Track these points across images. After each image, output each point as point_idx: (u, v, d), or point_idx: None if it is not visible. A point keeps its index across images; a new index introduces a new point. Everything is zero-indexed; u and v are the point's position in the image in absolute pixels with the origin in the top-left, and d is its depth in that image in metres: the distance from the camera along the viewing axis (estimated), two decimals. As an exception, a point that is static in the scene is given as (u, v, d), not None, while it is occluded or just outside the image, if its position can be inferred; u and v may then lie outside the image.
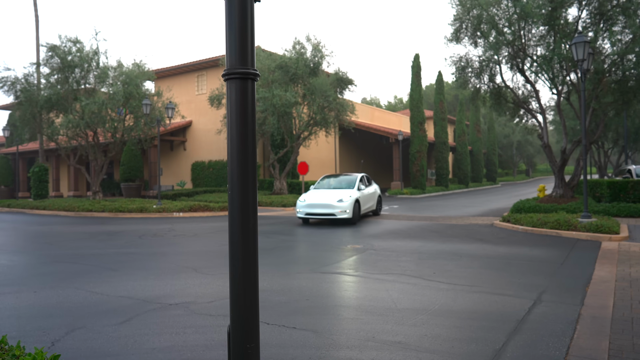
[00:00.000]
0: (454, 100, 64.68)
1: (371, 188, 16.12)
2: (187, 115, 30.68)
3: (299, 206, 14.24)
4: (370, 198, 15.73)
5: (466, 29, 16.86)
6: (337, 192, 14.38)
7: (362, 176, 15.88)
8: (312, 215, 13.95)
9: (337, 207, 13.63)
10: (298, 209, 14.28)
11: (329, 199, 13.89)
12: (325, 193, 14.44)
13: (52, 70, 22.49)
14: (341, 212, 13.58)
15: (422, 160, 31.05)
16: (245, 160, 1.65)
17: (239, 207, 1.65)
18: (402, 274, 7.29)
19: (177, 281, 7.06)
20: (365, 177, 16.17)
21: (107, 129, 22.56)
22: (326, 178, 16.14)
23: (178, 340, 4.48)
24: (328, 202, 13.75)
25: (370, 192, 15.88)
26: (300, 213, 14.18)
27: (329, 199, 13.85)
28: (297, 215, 14.34)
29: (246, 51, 1.69)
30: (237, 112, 1.67)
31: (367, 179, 16.32)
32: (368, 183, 16.23)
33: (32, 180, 26.32)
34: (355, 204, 14.01)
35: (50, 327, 4.90)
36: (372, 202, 16.04)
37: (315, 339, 4.47)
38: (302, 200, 14.33)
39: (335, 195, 14.02)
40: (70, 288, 6.66)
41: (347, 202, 13.74)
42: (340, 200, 13.75)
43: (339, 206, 13.63)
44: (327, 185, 15.54)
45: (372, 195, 16.05)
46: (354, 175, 15.74)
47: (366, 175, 16.41)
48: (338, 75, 23.63)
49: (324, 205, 13.76)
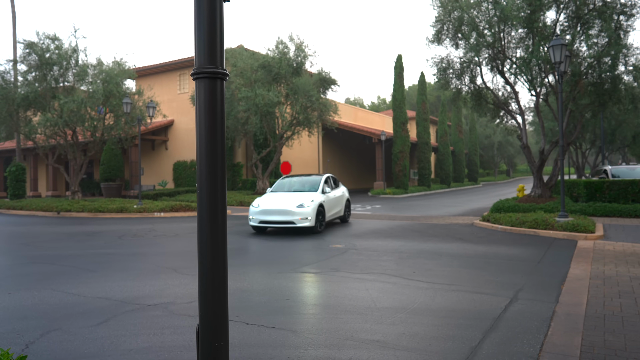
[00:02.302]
0: (436, 101, 65.33)
1: (338, 191, 14.17)
2: (168, 115, 30.37)
3: (252, 212, 12.11)
4: (337, 202, 13.77)
5: (447, 31, 17.05)
6: (298, 195, 12.38)
7: (328, 177, 13.96)
8: (267, 223, 11.88)
9: (296, 214, 11.60)
10: (251, 215, 12.13)
11: (287, 203, 11.82)
12: (283, 197, 12.43)
13: (30, 68, 22.01)
14: (302, 220, 11.56)
15: (404, 160, 31.27)
16: (214, 159, 1.66)
17: (208, 207, 1.65)
18: (382, 273, 7.34)
19: (157, 282, 6.99)
20: (332, 178, 14.26)
21: (87, 127, 22.20)
22: (286, 179, 14.14)
23: (156, 341, 4.44)
24: (286, 208, 11.71)
25: (337, 195, 13.93)
26: (253, 221, 12.06)
27: (287, 204, 11.78)
28: (250, 223, 12.18)
29: (215, 51, 1.69)
30: (206, 111, 1.67)
31: (333, 181, 14.33)
32: (334, 185, 14.27)
33: (9, 180, 25.75)
34: (318, 209, 12.04)
35: (25, 329, 4.81)
36: (340, 207, 14.12)
37: (294, 338, 4.48)
38: (256, 206, 12.16)
39: (295, 200, 11.98)
40: (46, 289, 6.54)
41: (309, 207, 11.72)
42: (301, 205, 11.71)
43: (299, 212, 11.60)
44: (286, 188, 13.48)
45: (340, 199, 14.10)
46: (318, 176, 13.84)
47: (332, 176, 14.50)
48: (321, 75, 23.67)
49: (281, 211, 11.71)
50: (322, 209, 12.34)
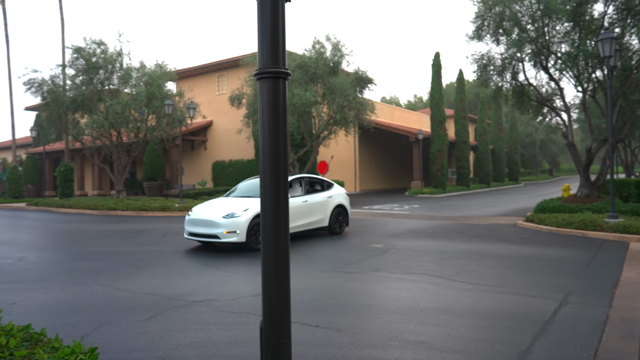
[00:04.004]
0: (475, 98, 63.87)
1: (319, 196, 11.37)
2: (207, 115, 30.99)
3: (185, 222, 10.12)
4: (312, 210, 11.01)
5: (488, 27, 16.64)
6: (240, 202, 9.98)
7: (299, 178, 11.39)
8: (195, 236, 9.74)
9: (221, 226, 9.24)
10: (185, 226, 10.13)
11: (215, 213, 9.55)
12: (222, 203, 10.12)
13: (78, 72, 22.98)
14: (228, 234, 9.18)
15: (442, 159, 30.77)
16: (277, 158, 1.68)
17: (271, 204, 1.67)
18: (424, 273, 7.24)
19: (201, 279, 7.15)
20: (308, 180, 11.50)
21: (131, 129, 22.96)
22: (252, 180, 11.65)
23: (203, 336, 4.54)
24: (210, 218, 9.44)
25: (315, 201, 11.16)
26: (185, 232, 10.03)
27: (214, 214, 9.51)
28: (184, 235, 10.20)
29: (277, 51, 1.71)
30: (269, 111, 1.69)
31: (311, 183, 11.61)
32: (314, 188, 11.61)
33: (58, 180, 26.94)
34: (254, 220, 9.41)
35: (79, 322, 5.02)
36: (320, 215, 11.27)
37: (338, 337, 4.48)
38: (189, 214, 10.11)
39: (229, 207, 9.66)
40: (97, 285, 6.81)
41: (239, 218, 9.27)
42: (229, 215, 9.32)
43: (225, 224, 9.22)
44: (244, 191, 11.08)
45: (321, 205, 11.30)
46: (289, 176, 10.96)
47: (311, 177, 11.72)
48: (358, 74, 23.56)
49: (205, 222, 9.48)
50: None
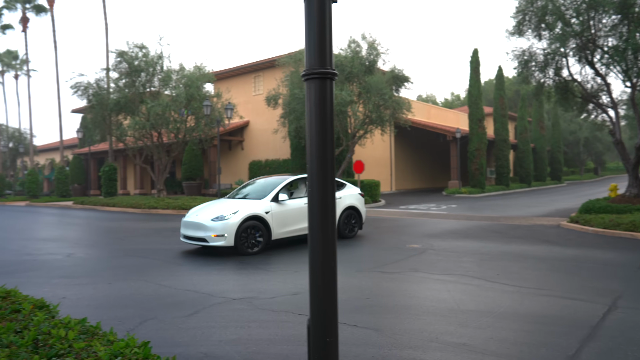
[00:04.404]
0: (515, 95, 62.08)
1: None
2: (244, 116, 31.46)
3: (181, 224, 10.01)
4: None
5: (529, 21, 16.15)
6: (234, 204, 9.71)
7: (303, 179, 10.92)
8: (188, 239, 9.59)
9: (209, 229, 9.03)
10: (180, 228, 10.04)
11: (205, 215, 9.42)
12: (214, 206, 9.91)
13: (121, 75, 23.79)
14: (217, 237, 8.95)
15: (481, 158, 30.10)
16: (324, 157, 1.69)
17: (319, 203, 1.68)
18: (463, 274, 7.11)
19: (239, 277, 7.27)
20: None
21: (171, 129, 23.57)
22: (257, 181, 11.26)
23: (243, 333, 4.61)
24: (199, 221, 9.30)
25: None
26: (181, 235, 9.93)
27: (204, 216, 9.39)
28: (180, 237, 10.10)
29: (325, 51, 1.72)
30: (316, 111, 1.71)
31: None
32: None
33: (103, 179, 27.97)
34: (246, 224, 9.11)
35: (125, 316, 5.20)
36: None
37: (378, 337, 4.46)
38: (185, 216, 10.07)
39: (218, 210, 9.48)
40: (140, 281, 7.03)
41: (227, 221, 9.00)
42: (218, 218, 9.10)
43: (213, 227, 9.00)
44: (243, 193, 10.77)
45: None
46: (282, 178, 10.63)
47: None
48: (394, 73, 23.36)
49: (196, 224, 9.33)
50: (263, 224, 9.39)
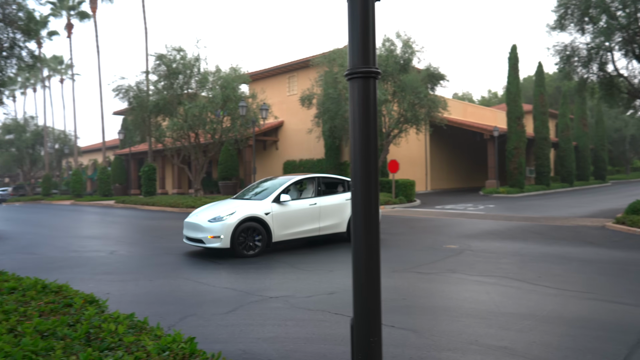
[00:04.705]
0: (556, 92, 60.08)
1: (331, 198, 10.38)
2: (279, 116, 31.73)
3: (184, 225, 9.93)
4: (322, 214, 10.10)
5: (572, 15, 15.59)
6: (230, 205, 9.58)
7: (310, 179, 10.59)
8: (189, 240, 9.46)
9: (206, 230, 8.94)
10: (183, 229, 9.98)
11: (204, 216, 9.34)
12: (215, 206, 9.80)
13: (159, 78, 24.45)
14: (213, 239, 8.85)
15: (520, 157, 29.31)
16: (367, 157, 1.68)
17: (362, 203, 1.68)
18: (503, 276, 6.94)
19: (275, 275, 7.34)
20: (322, 180, 10.56)
21: (207, 130, 24.05)
22: (264, 182, 10.90)
23: (280, 331, 4.65)
24: (197, 222, 9.25)
25: (327, 204, 10.22)
26: (184, 237, 9.80)
27: (202, 217, 9.32)
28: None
29: (368, 51, 1.72)
30: (360, 110, 1.71)
31: (326, 184, 10.68)
32: (328, 189, 10.68)
33: (142, 179, 28.82)
34: (242, 225, 8.94)
35: (166, 313, 5.34)
36: (333, 219, 10.29)
37: (415, 338, 4.41)
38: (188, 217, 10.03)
39: (217, 211, 9.37)
40: (180, 278, 7.21)
41: (224, 222, 8.86)
42: (215, 219, 8.98)
43: (209, 228, 8.90)
44: (248, 194, 10.57)
45: (331, 209, 10.28)
46: (287, 178, 10.34)
47: (327, 177, 10.77)
48: (429, 71, 23.05)
49: (194, 225, 9.29)
50: (263, 225, 9.17)
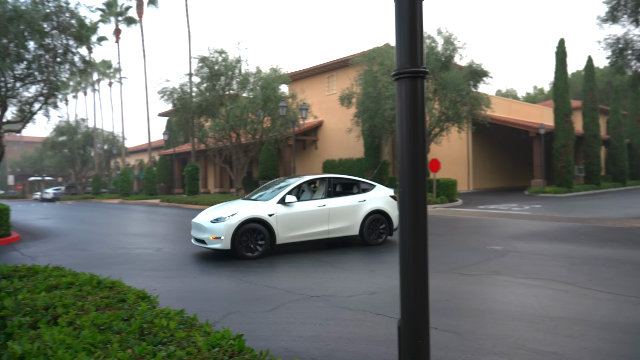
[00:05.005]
0: (607, 87, 57.34)
1: (343, 199, 10.01)
2: (318, 115, 31.85)
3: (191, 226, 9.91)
4: (331, 216, 9.73)
5: (625, 6, 14.87)
6: (234, 205, 9.49)
7: (321, 179, 10.36)
8: (196, 240, 9.42)
9: (208, 231, 8.93)
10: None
11: (207, 217, 9.31)
12: (221, 207, 9.72)
13: (202, 79, 25.06)
14: (215, 240, 8.79)
15: (568, 155, 28.18)
16: (415, 158, 1.67)
17: (410, 204, 1.67)
18: (551, 279, 6.70)
19: (316, 274, 7.38)
20: (333, 181, 10.25)
21: (248, 130, 24.46)
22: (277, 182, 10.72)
23: (322, 330, 4.67)
24: (200, 222, 9.23)
25: (338, 205, 9.84)
26: (192, 237, 9.79)
27: (206, 217, 9.28)
28: None
29: (416, 50, 1.70)
30: (407, 111, 1.69)
31: (338, 185, 10.51)
32: (340, 190, 10.54)
33: (186, 178, 29.62)
34: (244, 226, 8.83)
35: (210, 309, 5.47)
36: (345, 221, 9.88)
37: (459, 341, 4.32)
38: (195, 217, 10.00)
39: (220, 211, 9.29)
40: (223, 276, 7.36)
41: (225, 223, 8.77)
42: (218, 220, 8.92)
43: (211, 229, 8.87)
44: (258, 194, 10.41)
45: (343, 211, 9.87)
46: (296, 179, 10.17)
47: (339, 177, 10.47)
48: (472, 67, 22.55)
49: (198, 226, 9.29)
50: (266, 227, 9.01)
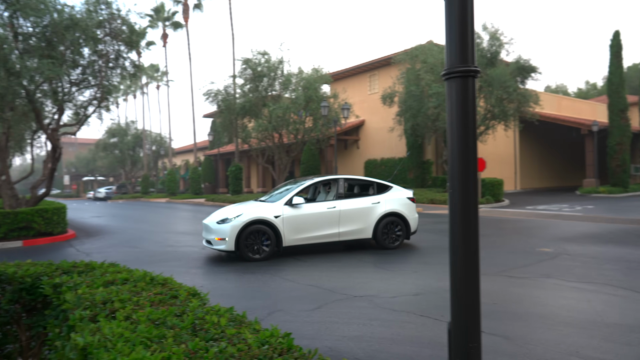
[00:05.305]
0: (667, 81, 54.07)
1: (354, 201, 9.70)
2: (360, 115, 31.73)
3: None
4: (342, 218, 9.46)
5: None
6: (241, 207, 9.41)
7: (333, 180, 10.09)
8: (206, 242, 9.40)
9: (213, 232, 8.98)
10: None
11: (214, 217, 9.34)
12: (231, 208, 9.61)
13: (245, 81, 25.53)
14: (220, 241, 8.81)
15: (623, 153, 26.78)
16: (466, 159, 1.64)
17: (460, 206, 1.64)
18: (606, 283, 6.39)
19: (359, 274, 7.36)
20: (346, 182, 10.07)
21: (290, 130, 24.71)
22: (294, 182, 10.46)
23: (365, 331, 4.66)
24: (207, 223, 9.30)
25: (349, 207, 9.54)
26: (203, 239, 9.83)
27: (213, 219, 9.30)
28: None
29: (466, 49, 1.68)
30: (458, 111, 1.67)
31: (351, 186, 10.57)
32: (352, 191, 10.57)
33: (230, 178, 30.25)
34: (249, 227, 8.75)
35: (254, 307, 5.56)
36: (358, 224, 9.57)
37: (508, 346, 4.20)
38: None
39: (227, 212, 9.27)
40: (267, 274, 7.47)
41: (230, 224, 8.75)
42: (223, 221, 8.92)
43: (216, 230, 8.90)
44: (269, 195, 10.34)
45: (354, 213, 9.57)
46: (303, 181, 10.05)
47: (352, 178, 10.28)
48: (519, 63, 21.83)
49: (205, 227, 9.37)
50: (272, 229, 8.89)
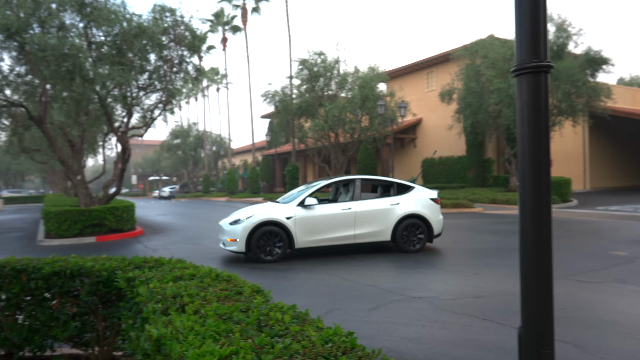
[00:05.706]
0: None
1: (372, 202, 9.37)
2: (417, 113, 31.19)
3: None
4: (358, 220, 9.19)
5: None
6: (256, 208, 9.38)
7: (350, 181, 9.82)
8: (223, 243, 9.37)
9: (226, 233, 9.03)
10: None
11: (228, 219, 9.34)
12: (245, 209, 9.54)
13: (302, 81, 25.83)
14: (232, 242, 8.82)
15: None
16: (538, 158, 1.58)
17: (531, 207, 1.58)
18: (690, 291, 5.91)
19: (417, 275, 7.25)
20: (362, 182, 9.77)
21: (347, 130, 24.73)
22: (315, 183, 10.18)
23: (425, 333, 4.59)
24: (221, 224, 9.36)
25: (366, 209, 9.24)
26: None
27: (227, 220, 9.31)
28: None
29: (538, 44, 1.62)
30: (529, 108, 1.61)
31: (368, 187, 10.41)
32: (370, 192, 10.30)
33: (287, 177, 30.75)
34: (260, 229, 8.69)
35: (313, 305, 5.61)
36: (375, 226, 9.25)
37: (578, 354, 3.99)
38: None
39: (240, 214, 9.24)
40: (324, 273, 7.53)
41: (241, 226, 8.75)
42: (236, 222, 8.91)
43: (228, 231, 8.93)
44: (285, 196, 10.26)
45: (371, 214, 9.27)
46: (320, 182, 9.89)
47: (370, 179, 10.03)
48: (589, 55, 20.64)
49: (221, 228, 9.42)
50: (284, 230, 8.78)
